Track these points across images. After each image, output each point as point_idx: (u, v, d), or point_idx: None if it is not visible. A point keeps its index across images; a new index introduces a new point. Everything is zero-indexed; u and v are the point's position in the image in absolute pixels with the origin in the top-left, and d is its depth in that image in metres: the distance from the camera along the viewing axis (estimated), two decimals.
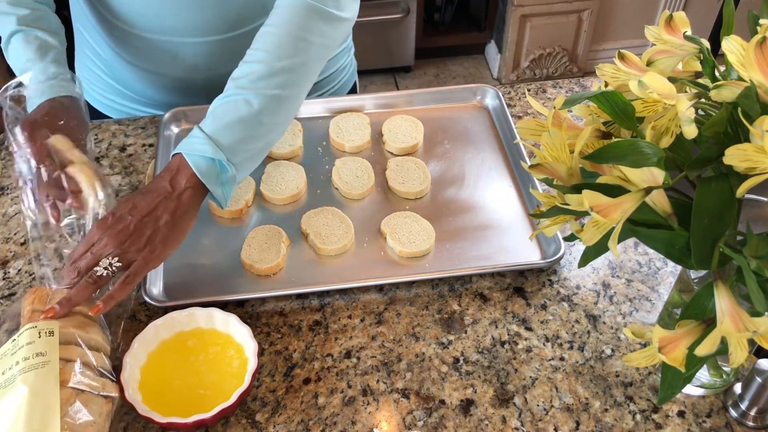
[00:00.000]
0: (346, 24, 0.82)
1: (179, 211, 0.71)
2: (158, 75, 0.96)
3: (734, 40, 0.48)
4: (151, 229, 0.69)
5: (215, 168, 0.72)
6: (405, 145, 0.94)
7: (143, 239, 0.69)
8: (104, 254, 0.68)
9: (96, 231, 0.70)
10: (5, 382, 0.60)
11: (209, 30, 0.89)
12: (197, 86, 0.97)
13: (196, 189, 0.72)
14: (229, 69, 0.79)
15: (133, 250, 0.68)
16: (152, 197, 0.70)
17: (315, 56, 0.79)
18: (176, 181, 0.72)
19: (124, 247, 0.68)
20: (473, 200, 0.88)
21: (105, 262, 0.68)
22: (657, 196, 0.50)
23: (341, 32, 0.82)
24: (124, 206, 0.70)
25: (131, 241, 0.68)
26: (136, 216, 0.69)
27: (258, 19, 0.89)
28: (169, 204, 0.70)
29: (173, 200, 0.71)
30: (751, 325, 0.45)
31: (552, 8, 2.42)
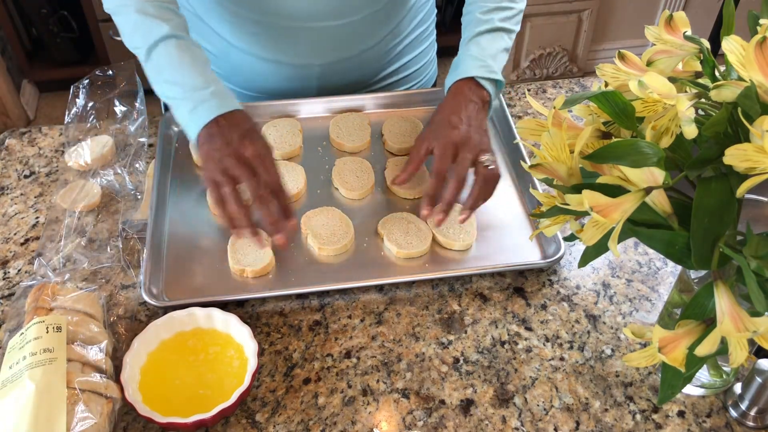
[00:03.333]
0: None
1: (486, 121, 0.85)
2: (275, 63, 0.97)
3: (734, 40, 0.48)
4: (485, 133, 0.83)
5: (496, 88, 0.88)
6: (405, 145, 0.94)
7: (486, 141, 0.82)
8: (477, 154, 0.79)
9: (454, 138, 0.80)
10: (12, 376, 0.61)
11: (331, 14, 0.90)
12: (312, 74, 0.98)
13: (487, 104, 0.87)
14: (346, 54, 0.93)
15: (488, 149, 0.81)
16: (473, 109, 0.84)
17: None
18: (479, 96, 0.85)
19: (485, 148, 0.81)
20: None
21: (489, 159, 0.79)
22: (657, 196, 0.50)
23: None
24: (456, 119, 0.82)
25: (485, 143, 0.81)
26: (475, 124, 0.82)
27: (377, 3, 0.92)
28: (483, 114, 0.85)
29: (482, 112, 0.85)
30: (751, 325, 0.45)
31: (552, 8, 2.42)
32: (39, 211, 0.88)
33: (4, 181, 0.93)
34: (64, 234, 0.81)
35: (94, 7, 2.27)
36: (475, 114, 0.84)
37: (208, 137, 0.76)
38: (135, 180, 0.90)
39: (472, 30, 0.90)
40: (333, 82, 1.01)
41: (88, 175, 0.90)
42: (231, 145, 0.74)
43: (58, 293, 0.69)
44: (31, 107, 2.48)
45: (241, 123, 0.77)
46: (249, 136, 0.76)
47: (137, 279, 0.78)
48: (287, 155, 0.93)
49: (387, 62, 1.04)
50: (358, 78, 1.03)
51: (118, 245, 0.81)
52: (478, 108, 0.85)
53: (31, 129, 1.02)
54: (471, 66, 0.86)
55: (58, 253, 0.78)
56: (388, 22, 0.97)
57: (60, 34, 2.37)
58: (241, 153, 0.74)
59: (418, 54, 1.08)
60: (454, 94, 0.86)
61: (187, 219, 0.85)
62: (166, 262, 0.80)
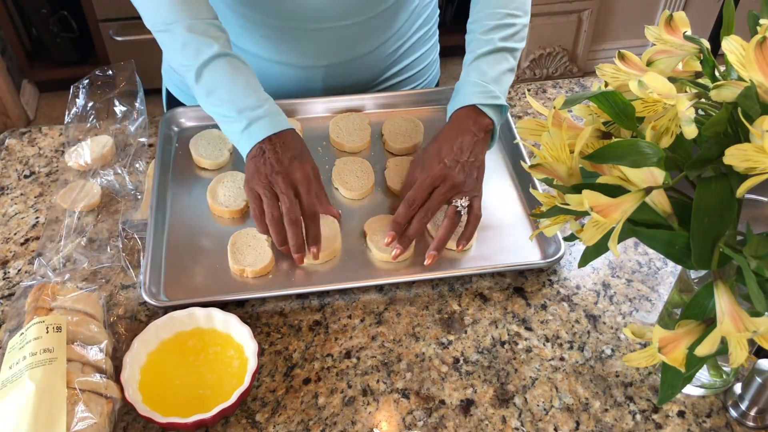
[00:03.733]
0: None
1: (484, 153, 0.84)
2: (280, 65, 0.97)
3: (734, 40, 0.48)
4: (476, 171, 0.82)
5: (500, 114, 0.86)
6: (405, 145, 0.94)
7: (473, 181, 0.81)
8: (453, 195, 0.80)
9: (434, 173, 0.80)
10: (12, 376, 0.61)
11: (335, 16, 0.90)
12: (317, 76, 0.98)
13: (489, 133, 0.85)
14: (350, 55, 0.94)
15: (470, 191, 0.81)
16: (469, 141, 0.82)
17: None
18: (479, 126, 0.83)
19: (466, 189, 0.80)
20: None
21: (460, 203, 0.79)
22: (657, 196, 0.50)
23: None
24: (447, 151, 0.81)
25: (468, 184, 0.80)
26: (464, 159, 0.81)
27: (381, 5, 0.92)
28: (481, 147, 0.83)
29: (481, 144, 0.83)
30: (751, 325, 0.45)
31: (552, 8, 2.42)
32: (39, 211, 0.88)
33: (4, 181, 0.93)
34: (64, 234, 0.81)
35: (94, 7, 2.28)
36: (470, 147, 0.82)
37: (260, 153, 0.78)
38: (135, 180, 0.90)
39: (474, 52, 0.87)
40: (338, 84, 1.01)
41: (88, 175, 0.90)
42: (282, 164, 0.78)
43: (58, 293, 0.69)
44: (31, 107, 2.48)
45: (294, 144, 0.80)
46: (300, 159, 0.79)
47: (137, 279, 0.78)
48: None
49: (391, 63, 1.04)
50: (362, 79, 1.03)
51: (118, 245, 0.81)
52: (477, 140, 0.82)
53: (31, 129, 1.02)
54: (471, 92, 0.84)
55: (58, 253, 0.78)
56: (392, 24, 0.98)
57: (60, 34, 2.37)
58: (290, 174, 0.78)
59: (422, 55, 1.08)
60: (453, 122, 0.85)
61: (187, 219, 0.85)
62: (166, 262, 0.80)
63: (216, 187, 0.87)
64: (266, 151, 0.78)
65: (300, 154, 0.80)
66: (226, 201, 0.85)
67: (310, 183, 0.79)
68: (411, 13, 1.00)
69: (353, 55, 0.98)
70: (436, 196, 0.79)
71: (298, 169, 0.78)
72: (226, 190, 0.87)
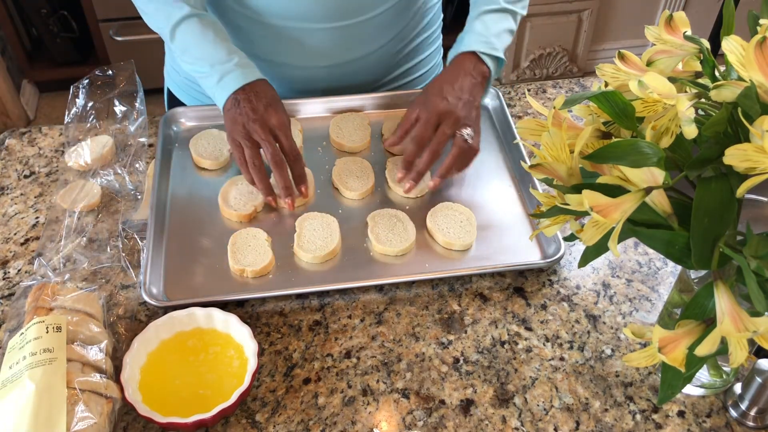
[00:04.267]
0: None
1: (481, 96, 0.89)
2: (281, 65, 0.98)
3: (734, 40, 0.48)
4: (474, 109, 0.86)
5: (497, 66, 0.90)
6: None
7: (472, 117, 0.85)
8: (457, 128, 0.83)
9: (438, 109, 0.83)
10: (12, 376, 0.61)
11: (336, 15, 0.91)
12: (318, 77, 0.99)
13: (486, 81, 0.90)
14: (351, 57, 0.96)
15: (473, 125, 0.85)
16: (469, 83, 0.86)
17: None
18: (478, 71, 0.88)
19: (468, 123, 0.84)
20: (473, 200, 0.88)
21: (466, 132, 0.83)
22: (657, 196, 0.50)
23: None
24: (449, 89, 0.85)
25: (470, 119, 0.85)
26: (465, 98, 0.85)
27: (382, 5, 0.93)
28: (480, 90, 0.88)
29: (479, 87, 0.88)
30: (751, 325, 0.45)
31: (552, 8, 2.42)
32: (39, 211, 0.88)
33: (4, 181, 0.93)
34: (64, 234, 0.81)
35: (94, 7, 2.28)
36: (469, 88, 0.86)
37: (235, 103, 0.82)
38: (135, 180, 0.90)
39: (479, 9, 0.92)
40: (339, 85, 1.01)
41: (88, 175, 0.90)
42: (257, 112, 0.81)
43: (58, 293, 0.69)
44: (31, 107, 2.48)
45: (266, 92, 0.84)
46: (273, 105, 0.83)
47: (137, 279, 0.78)
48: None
49: (393, 65, 1.04)
50: (364, 81, 1.03)
51: (118, 245, 0.81)
52: (475, 83, 0.87)
53: (31, 129, 1.02)
54: (474, 41, 0.89)
55: (58, 253, 0.78)
56: (394, 25, 0.98)
57: (60, 34, 2.37)
58: (266, 120, 0.81)
59: (424, 58, 1.08)
60: (453, 65, 0.89)
61: (187, 219, 0.85)
62: (166, 262, 0.80)
63: (229, 190, 0.87)
64: (240, 101, 0.82)
65: (273, 101, 0.83)
66: (236, 204, 0.85)
67: (285, 128, 0.82)
68: (414, 15, 1.00)
69: (354, 56, 0.98)
70: (441, 130, 0.84)
71: (273, 116, 0.82)
72: (238, 194, 0.87)
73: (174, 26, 0.85)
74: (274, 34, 0.93)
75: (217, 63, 0.84)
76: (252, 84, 0.83)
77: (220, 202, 0.85)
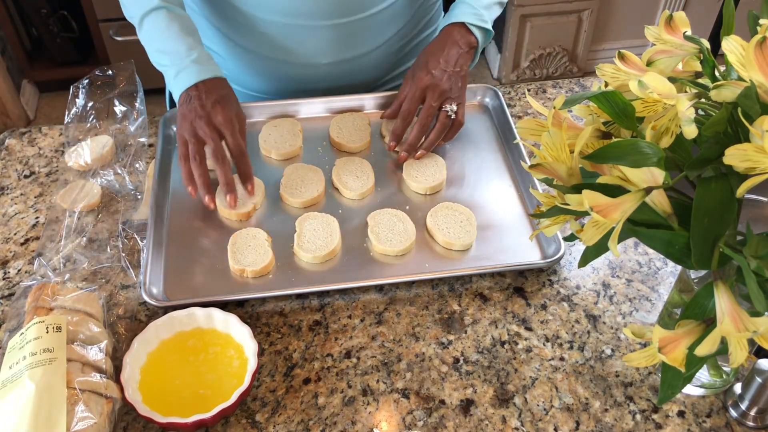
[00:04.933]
0: None
1: (468, 65, 0.91)
2: (282, 63, 0.98)
3: (734, 40, 0.48)
4: (460, 80, 0.89)
5: (485, 37, 0.93)
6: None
7: (458, 89, 0.89)
8: (442, 101, 0.87)
9: (423, 83, 0.87)
10: (12, 376, 0.61)
11: (337, 12, 0.91)
12: (319, 74, 1.00)
13: (473, 50, 0.92)
14: (352, 54, 0.97)
15: (456, 98, 0.89)
16: (455, 53, 0.89)
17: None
18: (466, 41, 0.91)
19: (452, 96, 0.88)
20: (473, 200, 0.88)
21: (451, 108, 0.88)
22: (657, 196, 0.50)
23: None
24: (434, 62, 0.88)
25: (454, 91, 0.88)
26: (450, 69, 0.88)
27: (384, 1, 0.94)
28: (467, 59, 0.91)
29: (465, 56, 0.90)
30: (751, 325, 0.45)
31: (552, 8, 2.42)
32: (39, 211, 0.88)
33: (4, 181, 0.93)
34: (64, 234, 0.81)
35: (94, 7, 2.27)
36: (455, 58, 0.89)
37: (186, 100, 0.83)
38: (135, 180, 0.90)
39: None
40: (340, 83, 1.01)
41: (88, 175, 0.90)
42: (204, 108, 0.81)
43: (58, 293, 0.69)
44: (31, 107, 2.48)
45: (218, 89, 0.84)
46: (222, 102, 0.82)
47: (137, 279, 0.78)
48: (287, 155, 0.93)
49: (394, 64, 1.04)
50: (364, 80, 1.03)
51: (118, 245, 0.81)
52: (462, 53, 0.90)
53: (31, 129, 1.02)
54: (464, 12, 0.92)
55: (58, 253, 0.78)
56: (395, 23, 0.98)
57: (60, 34, 2.37)
58: (212, 118, 0.81)
59: None
60: (442, 36, 0.92)
61: (187, 219, 0.85)
62: (166, 262, 0.80)
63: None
64: (192, 98, 0.82)
65: (223, 98, 0.83)
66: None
67: (233, 124, 0.82)
68: (414, 13, 1.00)
69: (355, 54, 0.98)
70: (427, 104, 0.88)
71: (219, 113, 0.81)
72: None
73: (143, 16, 0.86)
74: (273, 32, 0.93)
75: (177, 57, 0.84)
76: (206, 81, 0.83)
77: (218, 202, 0.85)
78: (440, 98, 0.88)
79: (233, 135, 0.82)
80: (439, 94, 0.88)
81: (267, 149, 0.94)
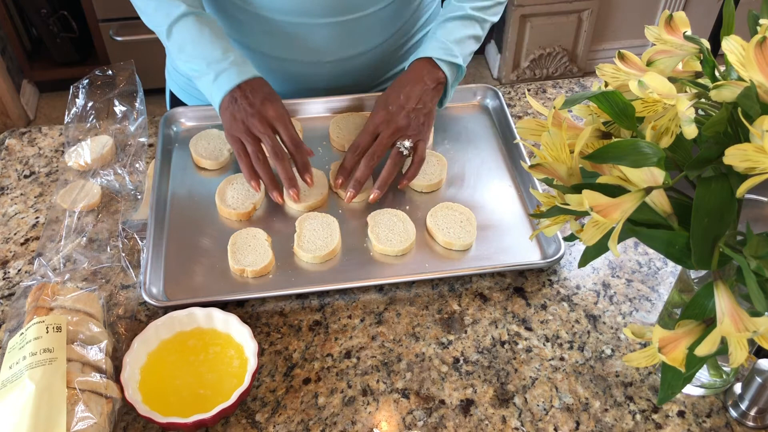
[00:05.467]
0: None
1: (434, 102, 0.89)
2: (282, 61, 0.98)
3: (734, 40, 0.48)
4: (423, 117, 0.87)
5: (456, 73, 0.91)
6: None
7: (418, 126, 0.86)
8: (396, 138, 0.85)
9: (378, 119, 0.86)
10: (12, 376, 0.61)
11: (336, 10, 0.91)
12: (319, 73, 0.99)
13: (442, 86, 0.90)
14: (352, 52, 0.96)
15: (414, 135, 0.86)
16: (419, 90, 0.87)
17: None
18: (432, 77, 0.88)
19: (409, 133, 0.85)
20: (473, 200, 0.88)
21: (403, 144, 0.85)
22: (657, 196, 0.50)
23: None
24: (394, 98, 0.86)
25: (412, 128, 0.86)
26: (410, 106, 0.86)
27: (381, 1, 0.93)
28: (431, 96, 0.88)
29: (431, 93, 0.88)
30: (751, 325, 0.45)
31: (552, 8, 2.42)
32: (39, 211, 0.88)
33: (4, 181, 0.93)
34: (64, 234, 0.81)
35: (94, 7, 2.28)
36: (418, 95, 0.87)
37: (232, 101, 0.83)
38: (135, 180, 0.90)
39: (444, 15, 0.93)
40: (342, 81, 1.01)
41: (88, 175, 0.90)
42: (254, 107, 0.82)
43: (58, 293, 0.69)
44: (31, 107, 2.48)
45: (262, 87, 0.85)
46: (270, 99, 0.84)
47: (137, 279, 0.78)
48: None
49: (394, 62, 1.04)
50: (365, 78, 1.03)
51: (118, 245, 0.81)
52: (426, 89, 0.88)
53: (31, 129, 1.02)
54: (432, 47, 0.90)
55: (58, 253, 0.78)
56: (395, 21, 0.98)
57: (60, 34, 2.37)
58: (264, 114, 0.83)
59: None
60: (408, 71, 0.90)
61: (187, 219, 0.85)
62: (166, 262, 0.80)
63: (225, 189, 0.87)
64: (238, 99, 0.83)
65: (269, 95, 0.84)
66: (234, 203, 0.85)
67: (285, 119, 0.83)
68: (414, 11, 1.00)
69: (356, 52, 0.98)
70: (380, 140, 0.85)
71: (270, 108, 0.83)
72: (235, 192, 0.87)
73: (171, 24, 0.85)
74: (275, 30, 0.93)
75: (213, 61, 0.84)
76: (248, 81, 0.84)
77: (217, 202, 0.85)
78: (394, 135, 0.85)
79: (287, 129, 0.83)
80: (393, 130, 0.85)
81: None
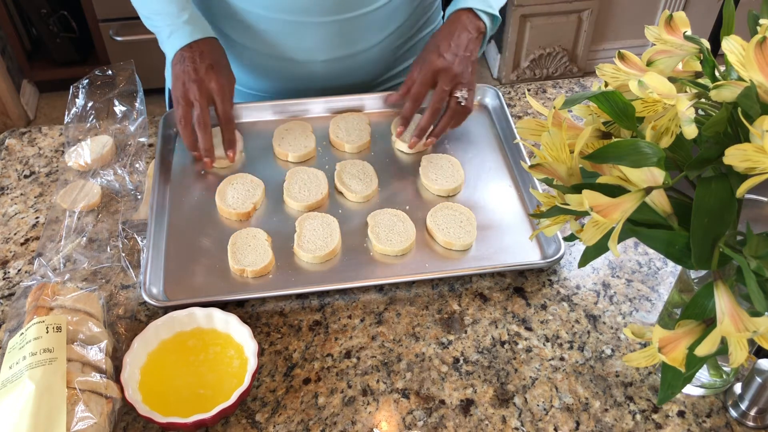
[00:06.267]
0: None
1: (477, 50, 0.91)
2: (278, 60, 0.98)
3: (734, 40, 0.48)
4: (471, 65, 0.89)
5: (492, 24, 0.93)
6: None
7: (468, 74, 0.88)
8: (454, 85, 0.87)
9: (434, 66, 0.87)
10: (12, 376, 0.61)
11: (334, 8, 0.91)
12: (316, 72, 1.00)
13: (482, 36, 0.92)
14: (349, 52, 0.96)
15: (468, 83, 0.88)
16: (465, 38, 0.89)
17: None
18: (474, 26, 0.90)
19: (464, 81, 0.87)
20: (473, 200, 0.88)
21: (462, 94, 0.87)
22: (657, 196, 0.50)
23: None
24: (446, 46, 0.88)
25: (465, 76, 0.88)
26: (462, 54, 0.87)
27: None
28: (476, 45, 0.90)
29: (475, 42, 0.90)
30: (751, 325, 0.45)
31: (552, 8, 2.42)
32: (39, 211, 0.88)
33: (4, 181, 0.93)
34: (64, 234, 0.81)
35: (94, 7, 2.28)
36: (465, 43, 0.88)
37: (180, 60, 0.86)
38: (135, 180, 0.90)
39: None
40: (337, 83, 1.01)
41: (88, 175, 0.90)
42: (198, 73, 0.85)
43: (58, 293, 0.69)
44: (31, 107, 2.48)
45: (212, 52, 0.87)
46: (216, 68, 0.86)
47: (137, 279, 0.78)
48: (302, 158, 0.93)
49: (392, 62, 1.04)
50: (362, 79, 1.03)
51: (118, 245, 0.81)
52: (472, 38, 0.89)
53: (31, 129, 1.02)
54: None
55: (58, 253, 0.78)
56: (393, 21, 0.98)
57: (60, 34, 2.37)
58: (205, 83, 0.85)
59: None
60: (450, 22, 0.91)
61: (187, 219, 0.85)
62: (166, 262, 0.80)
63: (225, 188, 0.87)
64: (185, 59, 0.85)
65: (216, 62, 0.86)
66: (234, 203, 0.85)
67: (224, 92, 0.86)
68: (413, 11, 1.00)
69: (353, 51, 0.98)
70: (439, 88, 0.87)
71: (213, 79, 0.85)
72: (235, 192, 0.87)
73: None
74: (271, 29, 0.94)
75: (169, 17, 0.86)
76: (200, 42, 0.86)
77: (217, 201, 0.85)
78: (452, 82, 0.87)
79: (223, 103, 0.86)
80: (451, 77, 0.87)
81: (283, 153, 0.93)
